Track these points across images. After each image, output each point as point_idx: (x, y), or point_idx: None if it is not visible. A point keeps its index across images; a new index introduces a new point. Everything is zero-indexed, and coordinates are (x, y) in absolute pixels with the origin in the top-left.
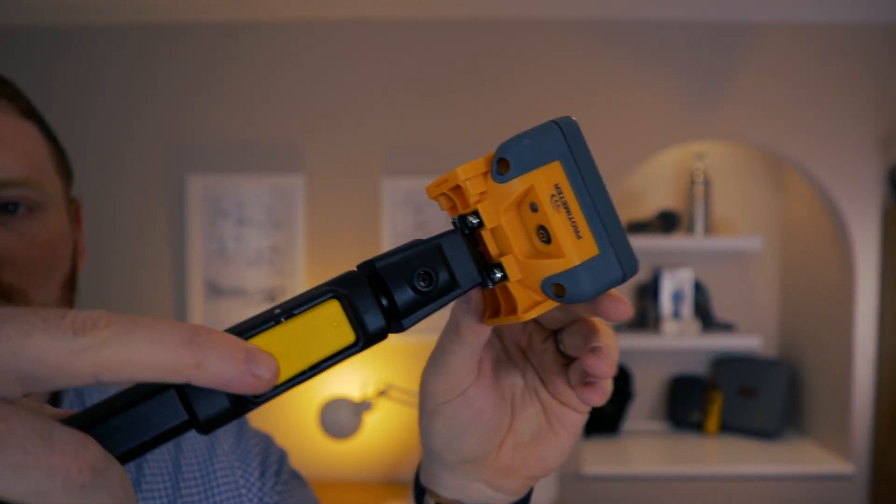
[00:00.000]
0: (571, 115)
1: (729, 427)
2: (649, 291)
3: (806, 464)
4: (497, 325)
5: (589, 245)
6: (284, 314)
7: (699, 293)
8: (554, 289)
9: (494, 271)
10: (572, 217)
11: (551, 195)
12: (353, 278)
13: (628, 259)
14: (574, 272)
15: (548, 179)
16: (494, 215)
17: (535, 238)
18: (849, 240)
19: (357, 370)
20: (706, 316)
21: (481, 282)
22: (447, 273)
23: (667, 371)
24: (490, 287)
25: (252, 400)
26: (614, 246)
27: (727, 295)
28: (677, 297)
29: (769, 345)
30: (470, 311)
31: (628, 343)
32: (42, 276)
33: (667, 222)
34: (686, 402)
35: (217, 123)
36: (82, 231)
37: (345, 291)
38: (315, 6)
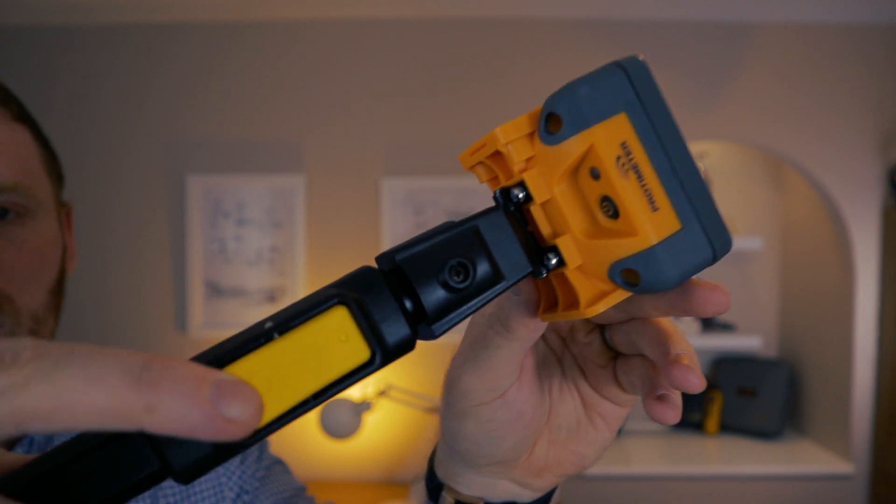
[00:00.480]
0: (638, 54)
1: (729, 427)
2: None
3: (806, 464)
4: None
5: (668, 218)
6: (278, 328)
7: None
8: (625, 275)
9: (548, 256)
10: (645, 183)
11: (617, 157)
12: (367, 277)
13: (718, 233)
14: (651, 253)
15: (612, 137)
16: (545, 186)
17: (599, 212)
18: (849, 240)
19: None
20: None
21: (532, 271)
22: (488, 263)
23: None
24: (543, 276)
25: (239, 443)
26: (700, 218)
27: None
28: None
29: (769, 345)
30: (521, 304)
31: None
32: (29, 282)
33: None
34: (686, 402)
35: (217, 123)
36: (73, 234)
37: (355, 295)
38: (315, 6)
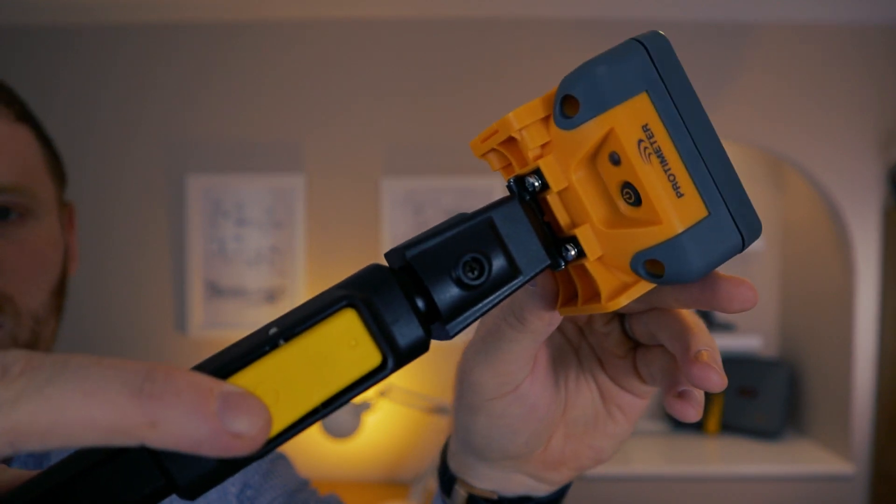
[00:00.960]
0: (659, 30)
1: (729, 427)
2: None
3: (806, 464)
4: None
5: (694, 205)
6: (283, 334)
7: None
8: (648, 266)
9: (567, 247)
10: (669, 168)
11: (639, 140)
12: (376, 275)
13: (747, 220)
14: (676, 242)
15: (633, 119)
16: (562, 173)
17: (620, 200)
18: (849, 240)
19: None
20: (706, 316)
21: (550, 263)
22: (504, 257)
23: None
24: (562, 268)
25: (246, 456)
26: (727, 203)
27: None
28: None
29: (769, 345)
30: (537, 296)
31: None
32: (30, 283)
33: None
34: None
35: (217, 123)
36: (75, 235)
37: (364, 295)
38: (315, 6)
